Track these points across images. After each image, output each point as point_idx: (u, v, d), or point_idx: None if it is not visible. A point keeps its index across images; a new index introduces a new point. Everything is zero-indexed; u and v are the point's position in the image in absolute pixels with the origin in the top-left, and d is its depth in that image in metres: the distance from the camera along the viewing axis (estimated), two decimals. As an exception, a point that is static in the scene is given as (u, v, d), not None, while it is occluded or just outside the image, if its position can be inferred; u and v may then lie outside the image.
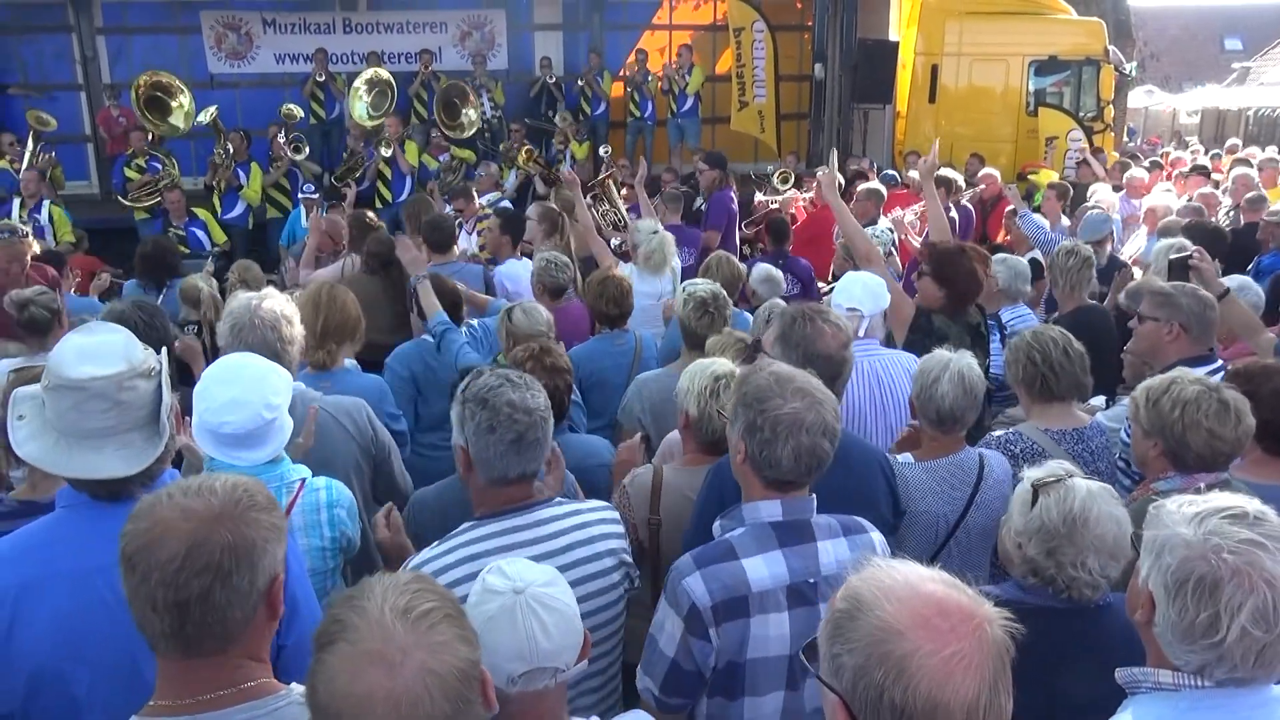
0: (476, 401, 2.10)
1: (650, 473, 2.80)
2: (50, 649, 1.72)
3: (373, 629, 1.22)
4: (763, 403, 1.99)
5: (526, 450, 2.11)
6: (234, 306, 2.77)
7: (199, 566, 1.37)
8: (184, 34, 12.74)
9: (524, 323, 3.78)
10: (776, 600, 1.97)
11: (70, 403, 1.74)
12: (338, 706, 1.19)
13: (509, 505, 2.17)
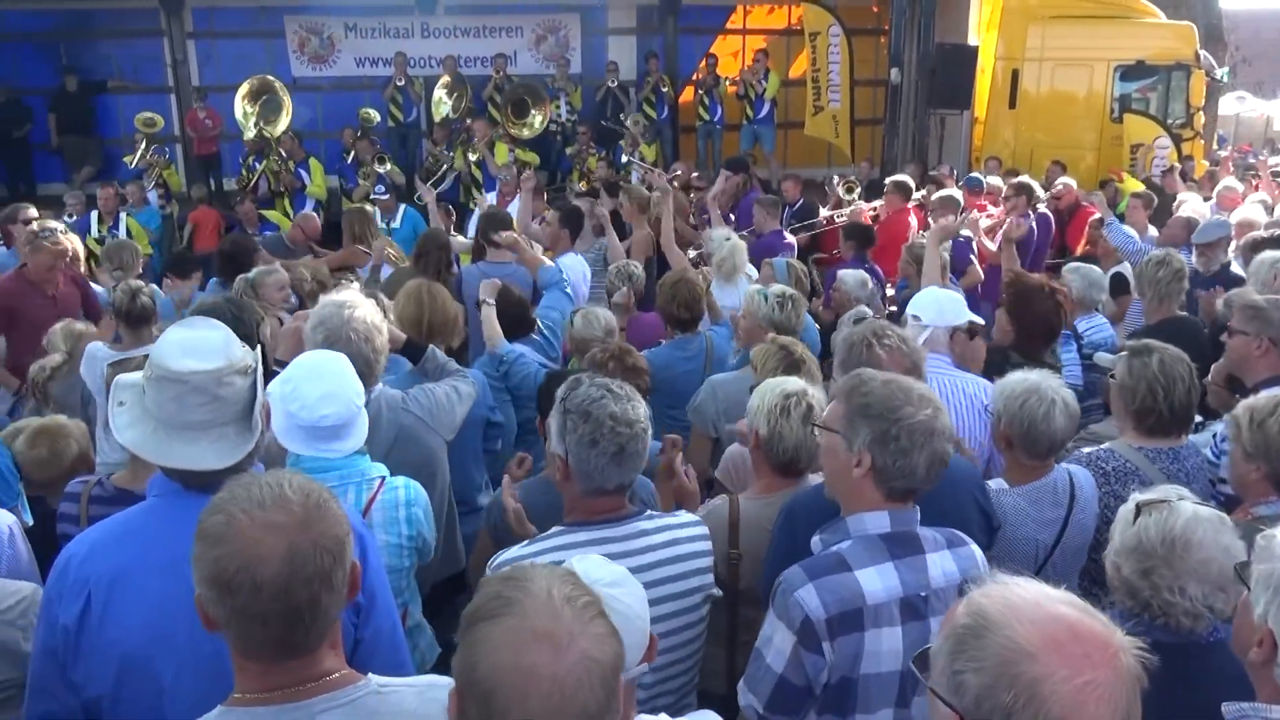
0: (579, 414, 2.09)
1: (726, 505, 2.75)
2: (140, 636, 1.76)
3: (540, 609, 1.22)
4: (894, 412, 1.96)
5: (627, 462, 2.11)
6: (324, 314, 2.78)
7: (305, 575, 1.38)
8: (268, 38, 13.11)
9: (583, 328, 3.83)
10: (890, 614, 1.93)
11: (171, 394, 1.79)
12: (498, 679, 1.17)
13: (602, 515, 2.17)
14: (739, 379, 3.74)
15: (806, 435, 2.66)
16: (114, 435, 1.85)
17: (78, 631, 1.75)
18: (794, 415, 2.66)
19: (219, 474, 1.80)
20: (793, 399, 2.70)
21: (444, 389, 3.09)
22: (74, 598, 1.75)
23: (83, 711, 1.78)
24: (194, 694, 1.74)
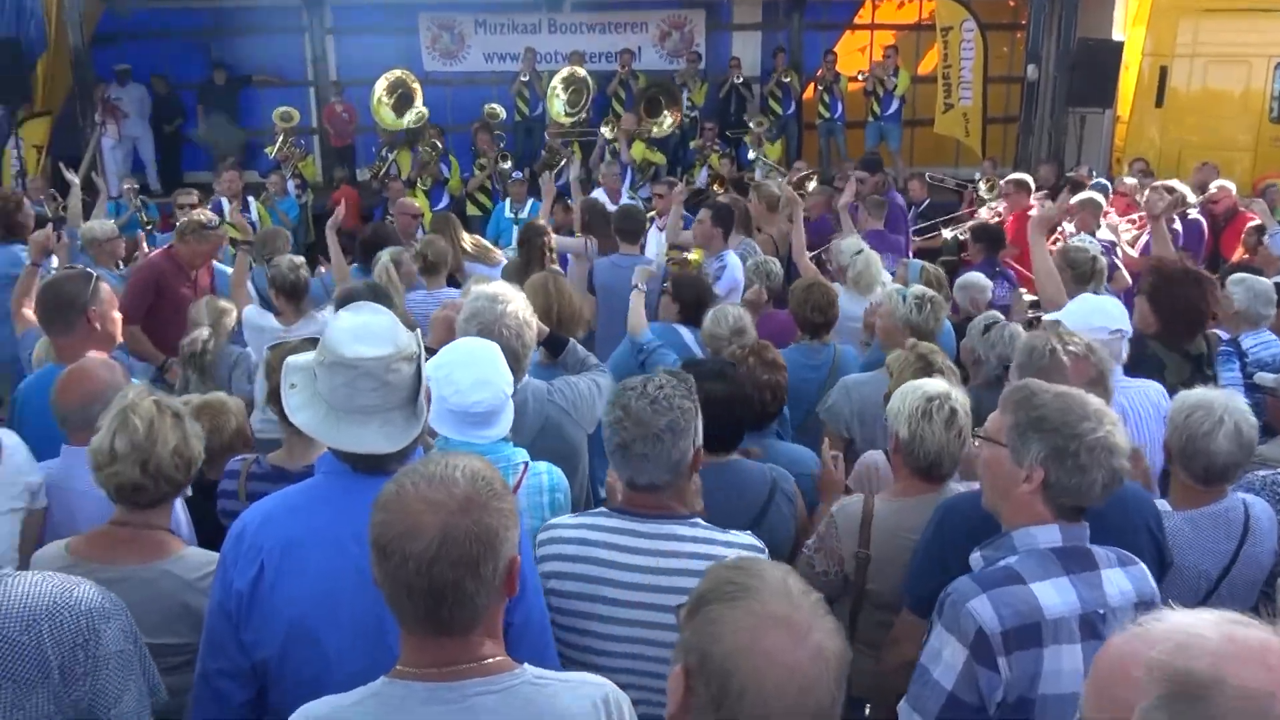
0: (610, 400, 2.17)
1: (860, 503, 2.70)
2: (306, 605, 1.82)
3: (778, 596, 1.22)
4: (1072, 427, 1.88)
5: (635, 461, 2.09)
6: (478, 308, 2.84)
7: (452, 558, 1.39)
8: (402, 34, 13.50)
9: (711, 326, 3.85)
10: (1070, 631, 1.84)
11: (343, 379, 1.84)
12: (736, 662, 1.17)
13: (636, 508, 2.16)
14: (874, 381, 3.65)
15: (950, 440, 2.58)
16: (289, 416, 1.91)
17: (250, 596, 1.82)
18: (936, 419, 2.57)
19: (386, 457, 1.86)
20: (935, 402, 2.61)
21: (586, 382, 3.11)
22: (248, 564, 1.83)
23: (251, 672, 1.86)
24: (355, 664, 1.79)
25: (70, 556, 2.18)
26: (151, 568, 2.18)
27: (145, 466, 2.15)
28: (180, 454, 2.21)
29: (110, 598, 1.66)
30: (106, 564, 2.16)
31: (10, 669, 1.51)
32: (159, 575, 2.18)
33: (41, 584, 1.60)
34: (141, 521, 2.22)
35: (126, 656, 1.64)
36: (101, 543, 2.20)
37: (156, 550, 2.21)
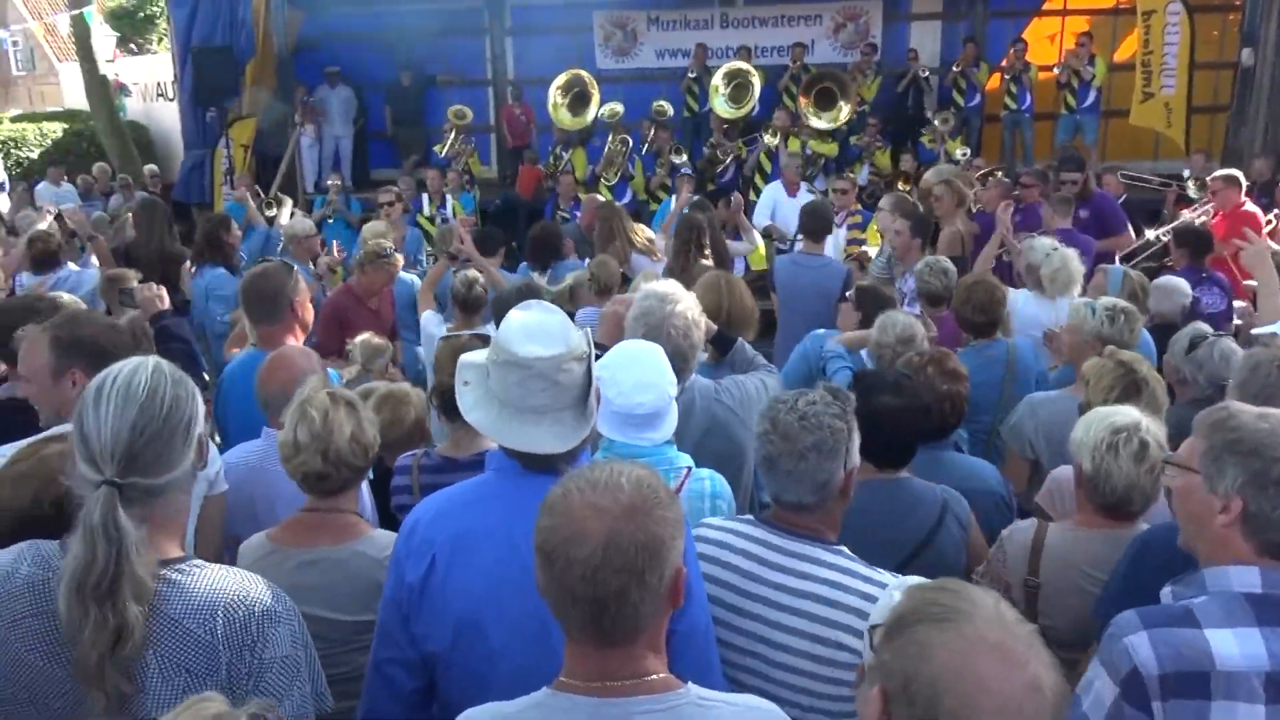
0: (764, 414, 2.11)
1: (1033, 529, 2.52)
2: (475, 599, 1.85)
3: (992, 622, 1.16)
4: (1273, 449, 1.69)
5: (778, 477, 2.04)
6: (647, 307, 2.83)
7: (617, 565, 1.37)
8: (577, 33, 13.77)
9: (878, 335, 3.68)
10: (1250, 688, 1.65)
11: (516, 378, 1.86)
12: (946, 684, 1.13)
13: (785, 524, 2.09)
14: (1064, 399, 3.42)
15: (1140, 475, 2.37)
16: (464, 414, 1.95)
17: (421, 589, 1.87)
18: (1123, 453, 2.37)
19: (555, 457, 1.87)
20: (1122, 435, 2.39)
21: (754, 382, 3.05)
22: (420, 557, 1.88)
23: (421, 663, 1.90)
24: (520, 661, 1.83)
25: (271, 544, 2.32)
26: (344, 549, 2.28)
27: (326, 455, 2.25)
28: (357, 440, 2.31)
29: (284, 601, 1.70)
30: (304, 548, 2.28)
31: (185, 659, 1.57)
32: (351, 555, 2.28)
33: (223, 580, 1.65)
34: (329, 506, 2.33)
35: (292, 662, 1.66)
36: (297, 528, 2.33)
37: (347, 532, 2.32)
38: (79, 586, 1.51)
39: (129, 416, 1.57)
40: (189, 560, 1.67)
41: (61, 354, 2.58)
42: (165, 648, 1.57)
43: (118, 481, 1.56)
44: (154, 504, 1.62)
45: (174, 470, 1.62)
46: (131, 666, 1.55)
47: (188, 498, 1.73)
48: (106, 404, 1.58)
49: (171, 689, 1.56)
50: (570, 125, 11.81)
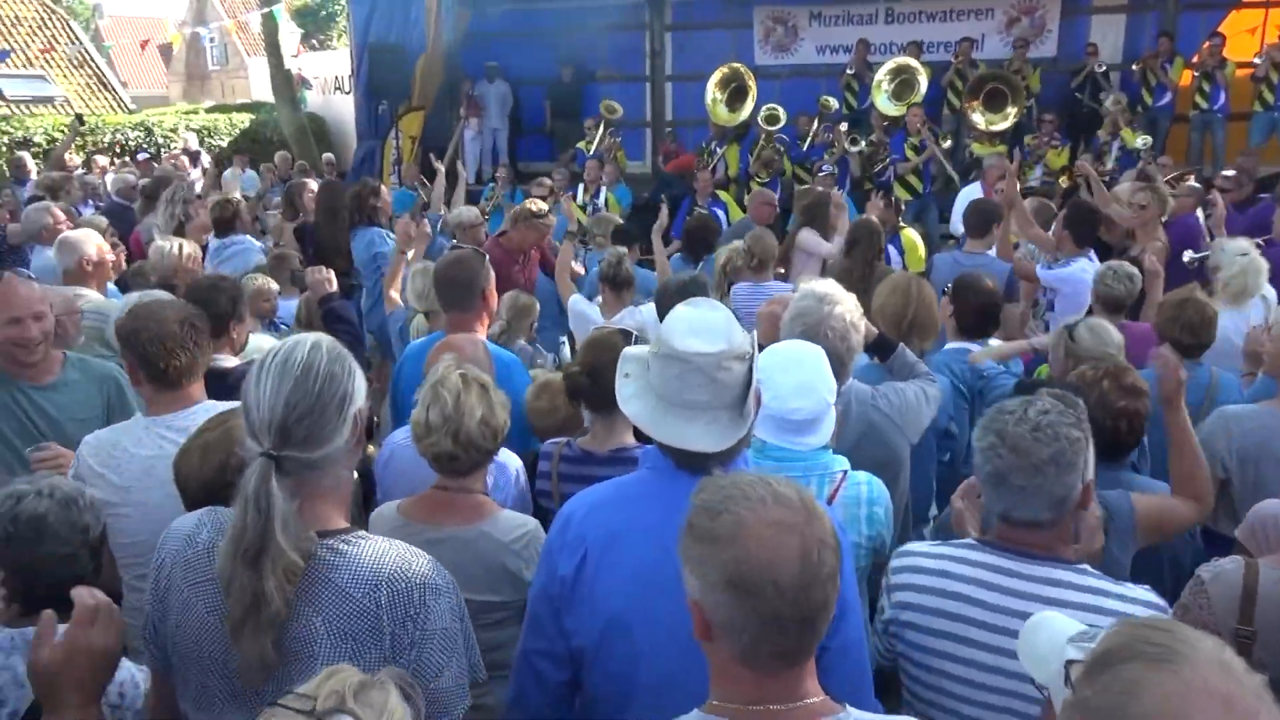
0: (983, 424, 1.97)
1: (1241, 570, 2.28)
2: (625, 598, 1.82)
3: (1215, 668, 1.05)
4: None
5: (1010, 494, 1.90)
6: (804, 307, 2.77)
7: (821, 577, 1.31)
8: (737, 29, 13.69)
9: (1090, 343, 3.33)
10: None
11: (674, 372, 1.83)
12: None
13: (1010, 545, 1.95)
14: (1264, 415, 3.14)
15: None
16: (620, 405, 1.93)
17: (573, 583, 1.86)
18: None
19: (710, 458, 1.82)
20: None
21: (914, 389, 2.93)
22: (572, 552, 1.87)
23: (569, 656, 1.90)
24: (664, 665, 1.79)
25: (400, 517, 2.38)
26: (470, 529, 2.33)
27: (456, 436, 2.30)
28: (487, 423, 2.34)
29: (444, 574, 1.72)
30: (431, 525, 2.33)
31: (350, 627, 1.61)
32: (477, 536, 2.32)
33: (387, 551, 1.67)
34: (458, 487, 2.38)
35: (451, 634, 1.68)
36: (427, 506, 2.38)
37: (474, 513, 2.36)
38: (234, 551, 1.57)
39: (283, 391, 1.61)
40: (354, 532, 1.71)
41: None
42: (333, 615, 1.61)
43: (274, 454, 1.60)
44: (310, 477, 1.65)
45: (327, 445, 1.64)
46: (281, 634, 1.59)
47: (349, 473, 1.75)
48: (265, 378, 1.63)
49: (339, 655, 1.59)
50: (726, 121, 11.73)
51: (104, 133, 16.49)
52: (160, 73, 35.86)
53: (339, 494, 1.73)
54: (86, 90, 21.55)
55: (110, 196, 9.28)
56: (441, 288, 3.49)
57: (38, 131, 15.88)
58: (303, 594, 1.61)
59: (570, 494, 2.05)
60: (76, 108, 19.28)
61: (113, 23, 37.34)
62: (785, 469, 2.31)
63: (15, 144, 14.79)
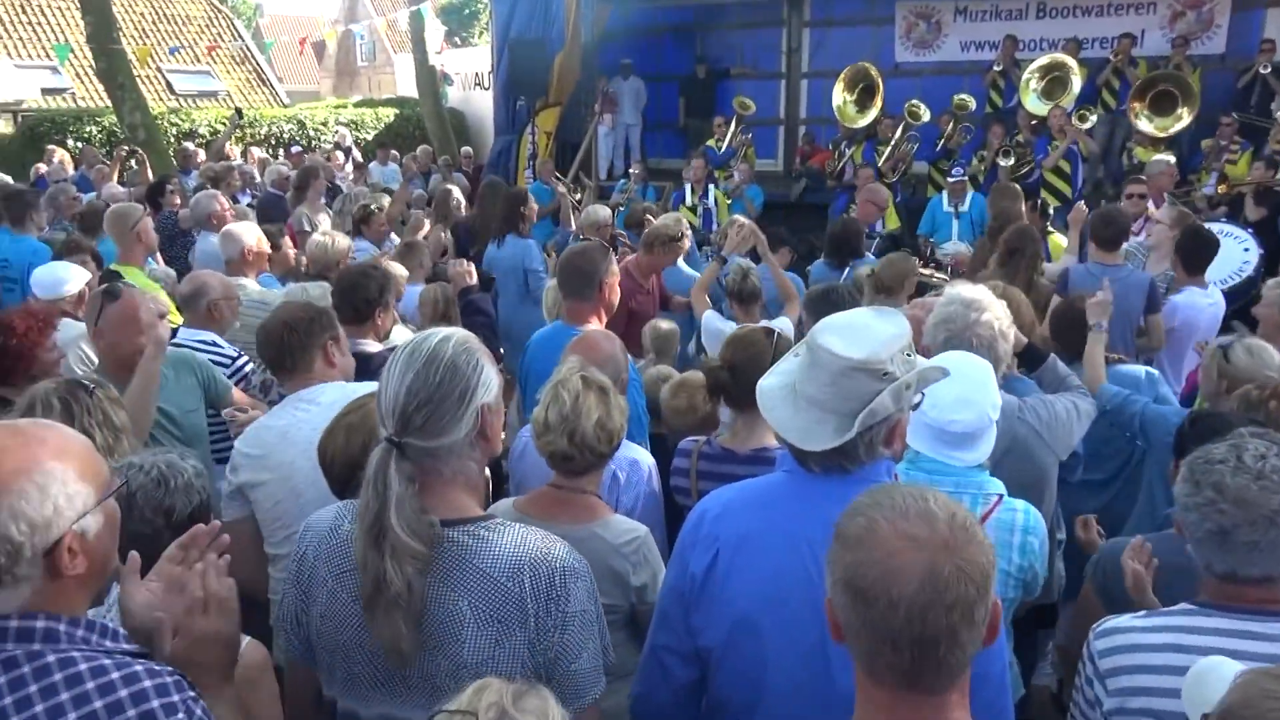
0: (1186, 472, 1.84)
1: None
2: (754, 600, 1.80)
3: None
4: None
5: (1237, 551, 1.75)
6: (950, 313, 2.67)
7: (947, 602, 1.24)
8: (877, 25, 13.41)
9: (1246, 364, 3.09)
10: None
11: (807, 362, 1.81)
12: None
13: (1241, 603, 1.79)
14: None
15: None
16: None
17: (703, 581, 1.84)
18: None
19: (842, 459, 1.77)
20: None
21: (1064, 403, 2.79)
22: (705, 550, 1.85)
23: (696, 655, 1.88)
24: (794, 672, 1.76)
25: (516, 512, 2.40)
26: (582, 529, 2.32)
27: (572, 437, 2.30)
28: (603, 427, 2.33)
29: (580, 559, 1.74)
30: (544, 521, 2.33)
31: (495, 610, 1.64)
32: (588, 536, 2.31)
33: (527, 536, 1.71)
34: (573, 486, 2.39)
35: (589, 617, 1.71)
36: (541, 502, 2.40)
37: (587, 513, 2.37)
38: (362, 532, 1.63)
39: (407, 379, 1.65)
40: (492, 519, 1.74)
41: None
42: (478, 599, 1.65)
43: (395, 440, 1.64)
44: (430, 465, 1.68)
45: (446, 436, 1.66)
46: (420, 617, 1.62)
47: (476, 465, 1.76)
48: (394, 366, 1.68)
49: (485, 638, 1.63)
50: (854, 121, 11.48)
51: (260, 126, 17.45)
52: (313, 69, 37.68)
53: (469, 482, 1.76)
54: (246, 85, 22.83)
55: (266, 187, 9.80)
56: (564, 275, 3.62)
57: (202, 124, 16.94)
58: (445, 578, 1.65)
59: (708, 490, 2.04)
60: (237, 102, 20.46)
61: (272, 21, 39.48)
62: (935, 483, 2.22)
63: (182, 135, 15.80)
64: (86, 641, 1.42)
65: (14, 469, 1.38)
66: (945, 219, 8.66)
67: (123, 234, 5.03)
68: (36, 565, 1.39)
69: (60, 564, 1.40)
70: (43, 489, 1.39)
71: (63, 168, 10.97)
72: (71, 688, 1.36)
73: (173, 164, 11.88)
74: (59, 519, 1.40)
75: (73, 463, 1.44)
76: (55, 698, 1.35)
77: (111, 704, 1.35)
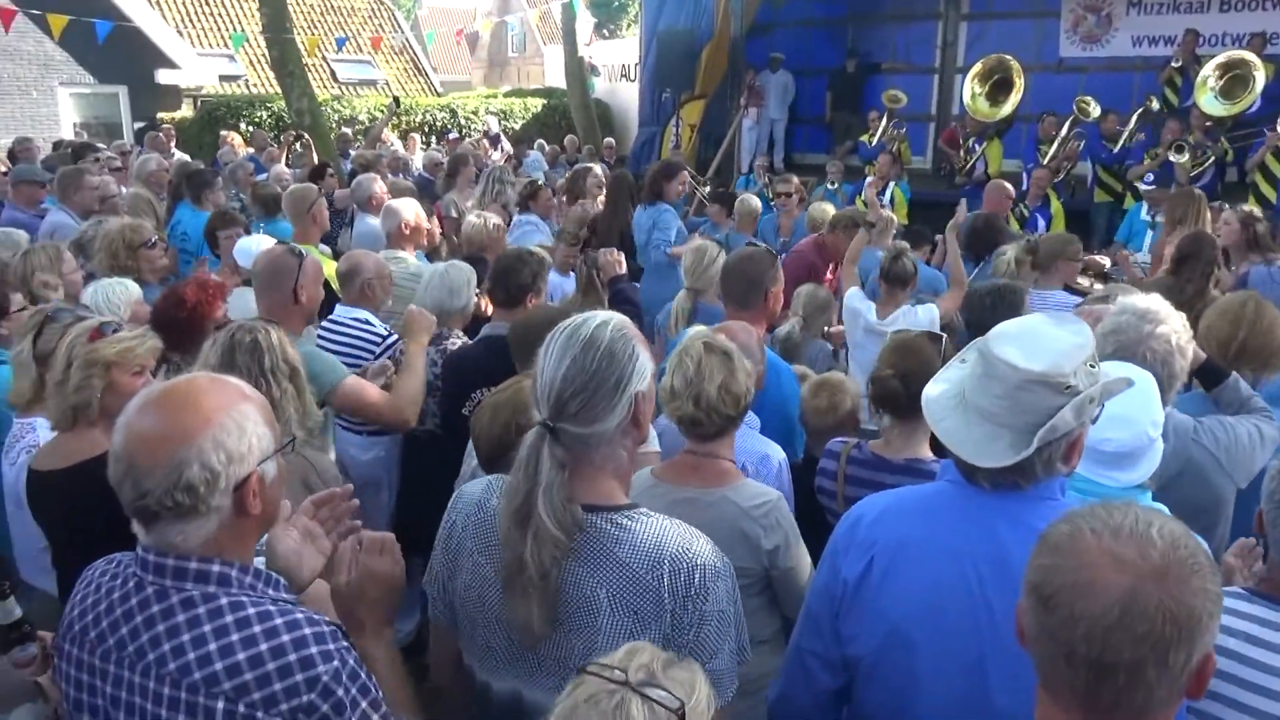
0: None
1: None
2: (909, 612, 1.73)
3: None
4: None
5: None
6: (1121, 323, 2.51)
7: (1138, 633, 1.14)
8: (1040, 18, 12.78)
9: None
10: None
11: (980, 372, 1.71)
12: None
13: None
14: None
15: None
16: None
17: (856, 588, 1.78)
18: None
19: (1014, 476, 1.67)
20: None
21: (1246, 427, 2.58)
22: (859, 555, 1.79)
23: (843, 663, 1.83)
24: (949, 691, 1.68)
25: (652, 478, 2.43)
26: (712, 493, 2.36)
27: (697, 401, 2.34)
28: (727, 389, 2.36)
29: (722, 558, 1.70)
30: (678, 486, 2.38)
31: (633, 602, 1.62)
32: (719, 500, 2.35)
33: (668, 530, 1.68)
34: (705, 451, 2.42)
35: (727, 618, 1.67)
36: (676, 468, 2.44)
37: (718, 477, 2.39)
38: (508, 510, 1.64)
39: (564, 364, 1.63)
40: (636, 508, 1.72)
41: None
42: (616, 588, 1.63)
43: (549, 424, 1.64)
44: (582, 451, 1.67)
45: (600, 423, 1.65)
46: (557, 599, 1.63)
47: (625, 452, 1.75)
48: (551, 349, 1.67)
49: (620, 628, 1.62)
50: (986, 116, 10.93)
51: (416, 114, 18.11)
52: (465, 59, 38.86)
53: (618, 470, 1.74)
54: (403, 74, 23.72)
55: (419, 171, 10.16)
56: (727, 281, 3.51)
57: (361, 110, 17.73)
58: (584, 564, 1.65)
59: (856, 497, 1.98)
60: (394, 90, 21.31)
61: (429, 13, 40.94)
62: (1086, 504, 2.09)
63: (342, 121, 16.58)
64: (254, 588, 1.53)
65: (217, 405, 1.50)
66: (1141, 228, 8.11)
67: (299, 214, 5.32)
68: (227, 498, 1.50)
69: (246, 500, 1.51)
70: (240, 425, 1.51)
71: (234, 151, 11.67)
72: (240, 630, 1.46)
73: (334, 149, 12.47)
74: (249, 456, 1.51)
75: (261, 410, 1.57)
76: (226, 638, 1.46)
77: (274, 647, 1.45)
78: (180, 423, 1.47)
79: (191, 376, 1.61)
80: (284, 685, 1.43)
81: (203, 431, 1.47)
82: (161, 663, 1.46)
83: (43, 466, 2.54)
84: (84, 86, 17.82)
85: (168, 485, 1.45)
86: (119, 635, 1.49)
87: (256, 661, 1.44)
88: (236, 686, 1.43)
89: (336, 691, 1.46)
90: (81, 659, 1.53)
